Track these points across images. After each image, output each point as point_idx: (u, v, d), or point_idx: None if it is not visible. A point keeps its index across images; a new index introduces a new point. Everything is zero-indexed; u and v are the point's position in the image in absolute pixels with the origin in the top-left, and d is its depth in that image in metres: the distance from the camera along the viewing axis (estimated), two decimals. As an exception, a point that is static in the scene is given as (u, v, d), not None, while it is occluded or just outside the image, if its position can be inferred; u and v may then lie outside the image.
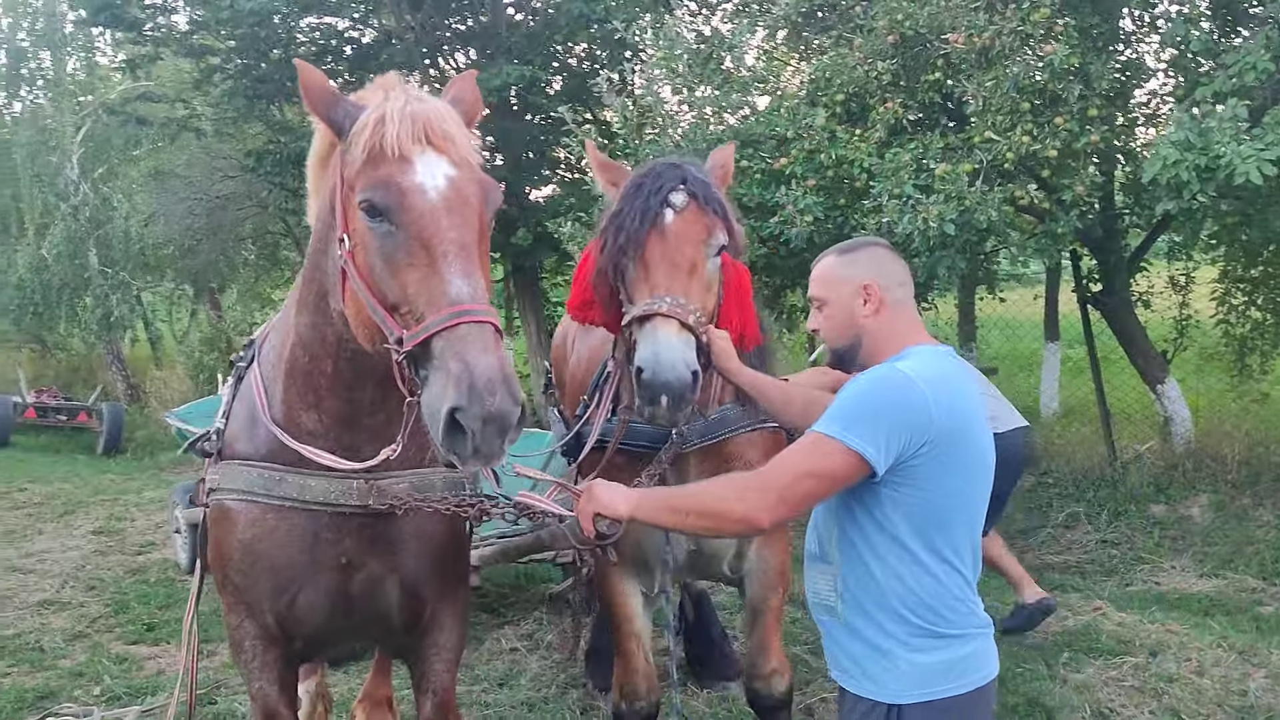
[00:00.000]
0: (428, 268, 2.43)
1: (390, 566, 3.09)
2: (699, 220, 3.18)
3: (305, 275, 2.92)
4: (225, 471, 3.07)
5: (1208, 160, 5.80)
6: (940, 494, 2.58)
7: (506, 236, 12.29)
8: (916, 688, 2.61)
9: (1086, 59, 6.60)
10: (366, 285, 2.53)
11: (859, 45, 7.27)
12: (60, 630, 6.80)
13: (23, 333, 20.81)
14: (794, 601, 6.57)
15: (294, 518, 2.97)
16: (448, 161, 2.56)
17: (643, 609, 3.80)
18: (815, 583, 2.84)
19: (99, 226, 19.07)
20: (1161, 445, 8.82)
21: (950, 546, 2.62)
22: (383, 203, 2.48)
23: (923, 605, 2.60)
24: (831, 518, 2.74)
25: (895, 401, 2.54)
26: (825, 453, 2.54)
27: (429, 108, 2.60)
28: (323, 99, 2.66)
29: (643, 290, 3.11)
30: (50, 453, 15.64)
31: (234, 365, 3.41)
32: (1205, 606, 6.52)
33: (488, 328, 2.36)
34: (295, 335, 2.95)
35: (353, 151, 2.56)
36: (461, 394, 2.26)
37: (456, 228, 2.47)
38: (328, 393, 2.91)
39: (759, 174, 7.30)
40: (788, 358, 15.81)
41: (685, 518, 2.67)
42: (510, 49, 12.24)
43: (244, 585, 3.05)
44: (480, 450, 2.30)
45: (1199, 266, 10.19)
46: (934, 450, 2.54)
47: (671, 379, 2.93)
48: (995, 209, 6.51)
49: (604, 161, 3.67)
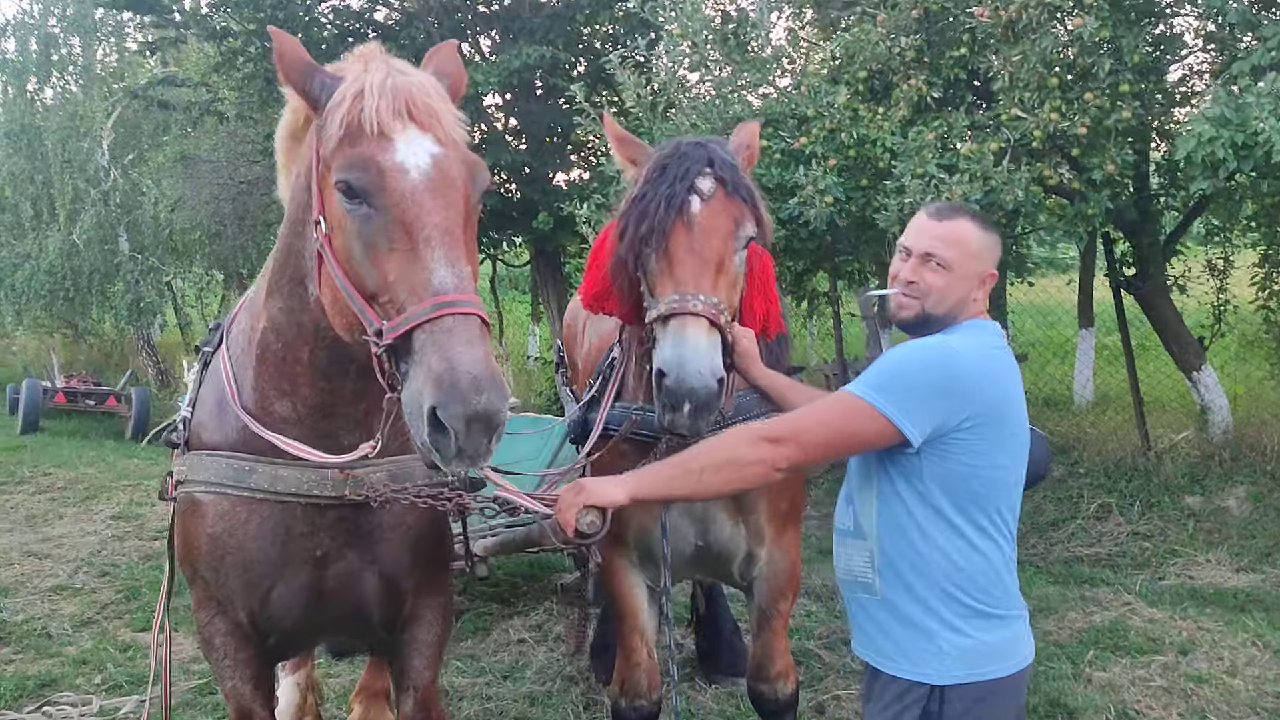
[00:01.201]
0: (409, 254, 2.27)
1: (368, 559, 2.94)
2: (727, 209, 2.98)
3: (277, 258, 2.76)
4: (193, 462, 2.93)
5: (1245, 137, 5.54)
6: (985, 469, 2.50)
7: (529, 220, 12.16)
8: (961, 668, 2.51)
9: (1118, 32, 6.34)
10: (344, 272, 2.38)
11: (882, 20, 7.05)
12: (69, 616, 6.75)
13: (55, 318, 20.91)
14: (809, 594, 6.43)
15: (265, 510, 2.83)
16: (432, 139, 2.40)
17: (648, 604, 3.65)
18: (850, 560, 2.72)
19: (129, 212, 19.14)
20: (1197, 435, 8.57)
21: (994, 523, 2.54)
22: (360, 183, 2.32)
23: (970, 582, 2.52)
24: (869, 491, 2.64)
25: (937, 372, 2.46)
26: (853, 411, 2.48)
27: (411, 81, 2.44)
28: (297, 69, 2.49)
29: (667, 285, 2.91)
30: (79, 438, 15.66)
31: (199, 350, 3.25)
32: (1241, 602, 6.28)
33: (473, 320, 2.21)
34: (268, 320, 2.79)
35: (329, 127, 2.40)
36: (444, 391, 2.12)
37: (441, 211, 2.31)
38: (303, 381, 2.76)
39: (778, 154, 7.10)
40: (814, 345, 15.66)
41: (700, 475, 2.54)
42: (533, 30, 12.08)
43: (213, 581, 2.91)
44: (464, 451, 2.16)
45: (1238, 250, 9.89)
46: (978, 424, 2.46)
47: (697, 386, 2.74)
48: (1023, 189, 6.29)
49: (622, 135, 3.42)
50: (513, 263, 17.34)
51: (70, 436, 15.67)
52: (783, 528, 3.52)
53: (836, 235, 7.44)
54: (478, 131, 12.65)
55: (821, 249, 7.97)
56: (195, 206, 17.52)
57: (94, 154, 18.88)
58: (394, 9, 13.50)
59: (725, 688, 5.16)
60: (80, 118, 18.97)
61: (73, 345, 22.57)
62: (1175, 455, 8.45)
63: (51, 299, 18.99)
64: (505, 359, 15.87)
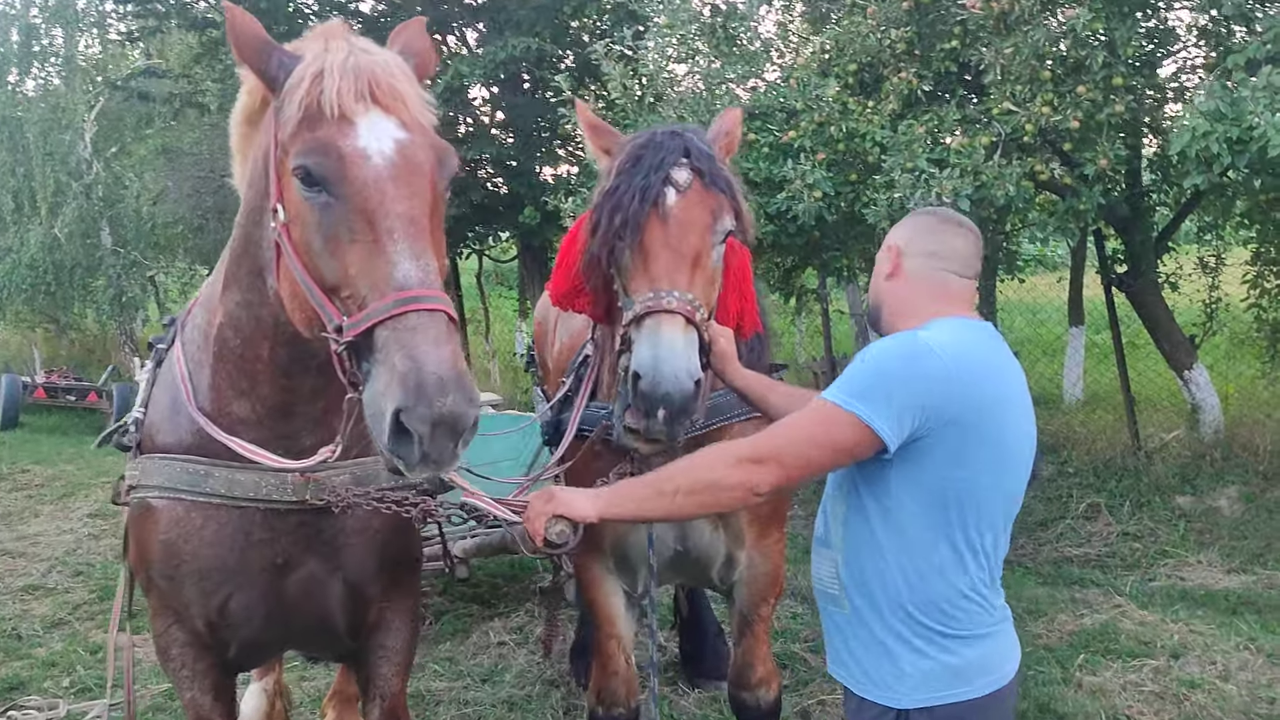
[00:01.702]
0: (371, 245, 2.13)
1: (332, 566, 2.81)
2: (704, 202, 2.83)
3: (234, 249, 2.61)
4: (146, 466, 2.78)
5: (1240, 132, 5.43)
6: (958, 480, 2.32)
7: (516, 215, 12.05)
8: (923, 691, 2.39)
9: (1111, 24, 6.22)
10: (302, 264, 2.24)
11: (872, 12, 6.93)
12: (40, 617, 6.63)
13: (36, 313, 20.70)
14: (794, 596, 6.32)
15: (222, 515, 2.69)
16: (396, 123, 2.26)
17: (626, 610, 3.53)
18: (820, 569, 2.61)
19: (111, 206, 18.93)
20: (1188, 434, 8.49)
21: (964, 539, 2.37)
22: (320, 170, 2.17)
23: (928, 602, 2.37)
24: (839, 498, 2.52)
25: (911, 371, 2.30)
26: (833, 422, 2.32)
27: (375, 60, 2.29)
28: (254, 47, 2.33)
29: (642, 282, 2.76)
30: (59, 434, 15.50)
31: (153, 347, 3.09)
32: (1233, 605, 6.18)
33: (440, 317, 2.08)
34: (224, 314, 2.65)
35: (287, 109, 2.25)
36: (408, 393, 1.98)
37: (405, 200, 2.17)
38: (263, 379, 2.62)
39: (767, 148, 6.98)
40: (803, 342, 15.56)
41: (674, 499, 2.39)
42: (519, 22, 11.96)
43: (169, 590, 2.78)
44: (429, 456, 2.03)
45: (1230, 248, 9.83)
46: (951, 429, 2.29)
47: (673, 390, 2.59)
48: (1014, 184, 6.18)
49: (596, 124, 3.25)
50: (499, 258, 17.20)
51: (50, 433, 15.51)
52: (765, 530, 3.41)
53: (825, 230, 7.33)
54: (464, 125, 12.53)
55: (810, 244, 7.86)
56: (178, 200, 17.35)
57: (76, 146, 18.66)
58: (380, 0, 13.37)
59: (708, 692, 5.05)
60: (62, 110, 18.74)
61: (55, 340, 22.37)
62: (1166, 455, 8.37)
63: (33, 293, 18.76)
64: (493, 355, 15.76)
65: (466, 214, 12.17)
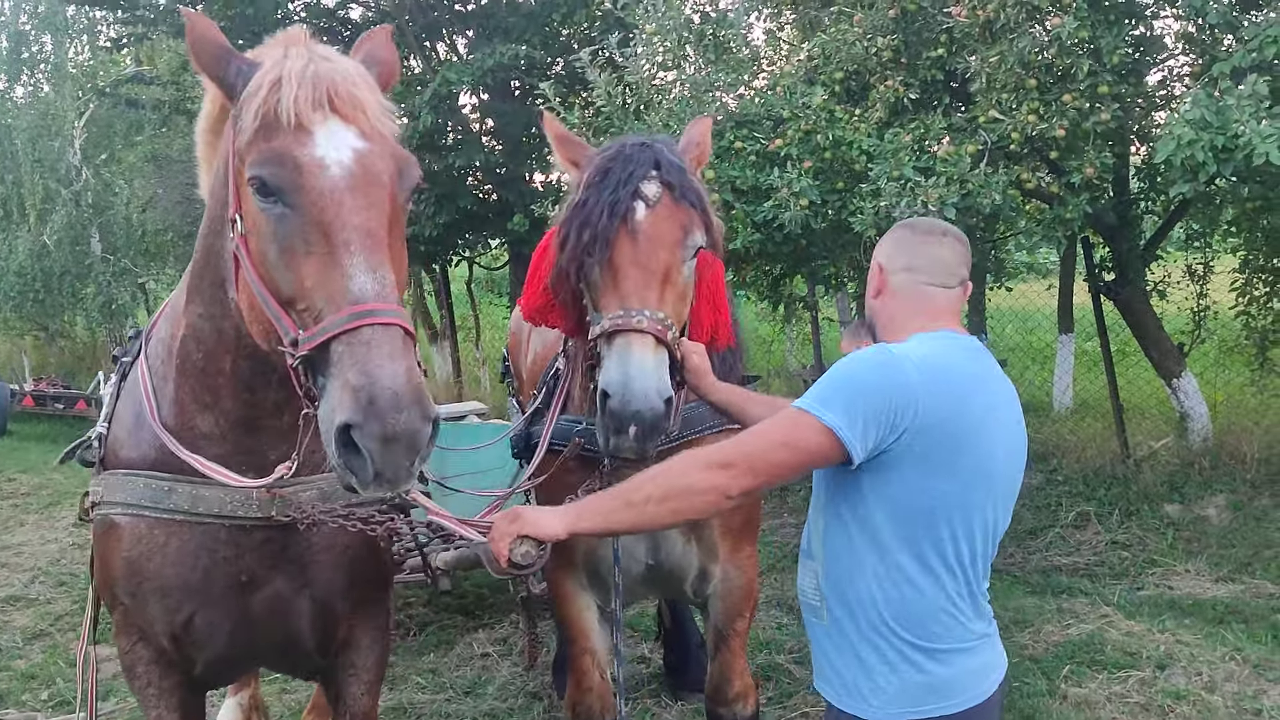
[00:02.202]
0: (327, 258, 2.11)
1: (299, 583, 2.77)
2: (674, 216, 2.80)
3: (197, 259, 2.59)
4: (109, 482, 2.75)
5: (1226, 140, 5.41)
6: (931, 492, 2.31)
7: (505, 222, 12.01)
8: (897, 706, 2.37)
9: (1097, 33, 6.21)
10: (259, 276, 2.21)
11: (859, 21, 6.91)
12: (21, 629, 6.59)
13: (25, 320, 20.61)
14: (780, 605, 6.29)
15: (185, 532, 2.66)
16: (355, 132, 2.23)
17: (599, 624, 3.49)
18: (802, 579, 2.60)
19: (101, 213, 18.87)
20: (1177, 442, 8.47)
21: (937, 553, 2.35)
22: (275, 180, 2.15)
23: (905, 615, 2.36)
24: (819, 511, 2.51)
25: (877, 381, 2.29)
26: (800, 427, 2.32)
27: (335, 68, 2.26)
28: (211, 54, 2.31)
29: (611, 300, 2.74)
30: (47, 442, 15.40)
31: (117, 360, 3.05)
32: (1220, 614, 6.16)
33: (395, 331, 2.05)
34: (187, 327, 2.62)
35: (244, 118, 2.22)
36: (360, 409, 1.95)
37: (362, 211, 2.14)
38: (226, 393, 2.58)
39: (753, 156, 6.95)
40: (792, 350, 15.53)
41: (644, 508, 2.36)
42: (508, 30, 11.93)
43: (132, 607, 2.74)
44: (382, 474, 1.99)
45: (1218, 255, 9.81)
46: (918, 440, 2.28)
47: (643, 408, 2.57)
48: (1000, 192, 6.15)
49: (562, 135, 3.22)
50: (489, 265, 17.15)
51: (39, 441, 15.43)
52: (738, 544, 3.38)
53: (812, 238, 7.29)
54: (453, 132, 12.48)
55: (797, 252, 7.82)
56: (167, 207, 17.29)
57: (65, 153, 18.61)
58: (369, 7, 13.34)
59: (691, 704, 5.01)
60: (51, 116, 18.69)
61: (44, 348, 22.27)
62: (1155, 463, 8.35)
63: (21, 300, 18.68)
64: (483, 363, 15.69)
65: (456, 221, 12.12)
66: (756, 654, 5.45)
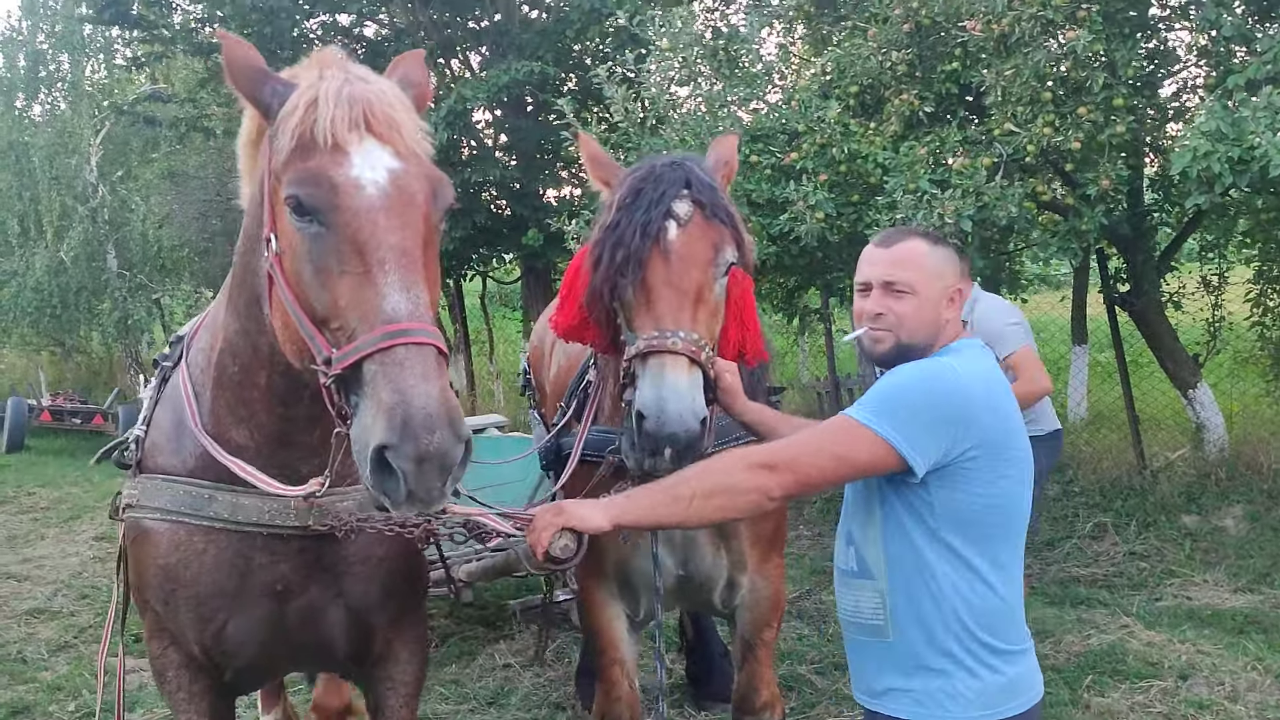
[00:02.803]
0: (362, 277, 2.12)
1: (334, 593, 2.79)
2: (706, 235, 2.82)
3: (235, 275, 2.61)
4: (146, 486, 2.77)
5: (1241, 152, 5.44)
6: (994, 498, 2.40)
7: (519, 237, 12.09)
8: (978, 710, 2.42)
9: (1112, 46, 6.26)
10: (294, 295, 2.23)
11: (873, 35, 6.97)
12: (46, 641, 6.64)
13: (42, 336, 20.76)
14: (801, 617, 6.31)
15: (223, 540, 2.68)
16: (391, 153, 2.24)
17: (628, 634, 3.52)
18: (857, 602, 2.58)
19: (117, 229, 19.02)
20: (1193, 453, 8.46)
21: (1004, 555, 2.45)
22: (311, 200, 2.16)
23: (986, 619, 2.42)
24: (872, 529, 2.52)
25: (941, 397, 2.36)
26: (854, 437, 2.36)
27: (371, 89, 2.28)
28: (248, 75, 2.34)
29: (645, 320, 2.76)
30: (65, 456, 15.53)
31: (158, 365, 3.07)
32: (1240, 624, 6.15)
33: (429, 351, 2.05)
34: (224, 340, 2.64)
35: (280, 138, 2.24)
36: (393, 429, 1.96)
37: (397, 230, 2.15)
38: (261, 407, 2.60)
39: (769, 169, 7.01)
40: (806, 362, 15.55)
41: (690, 503, 2.38)
42: (522, 46, 12.03)
43: (165, 613, 2.77)
44: (415, 494, 2.00)
45: (1232, 266, 9.82)
46: (985, 451, 2.36)
47: (679, 430, 2.59)
48: (1016, 204, 6.19)
49: (596, 157, 3.27)
50: (503, 279, 17.22)
51: (56, 455, 15.54)
52: (766, 554, 3.41)
53: (828, 251, 7.35)
54: (467, 147, 12.58)
55: (813, 265, 7.89)
56: (184, 223, 17.41)
57: (82, 170, 18.78)
58: (383, 25, 13.44)
59: (715, 714, 5.03)
60: (68, 134, 18.88)
61: (61, 363, 22.43)
62: (1171, 474, 8.34)
63: (39, 316, 18.83)
64: (497, 376, 15.75)
65: (470, 236, 12.22)
66: (778, 665, 5.46)
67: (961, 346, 2.53)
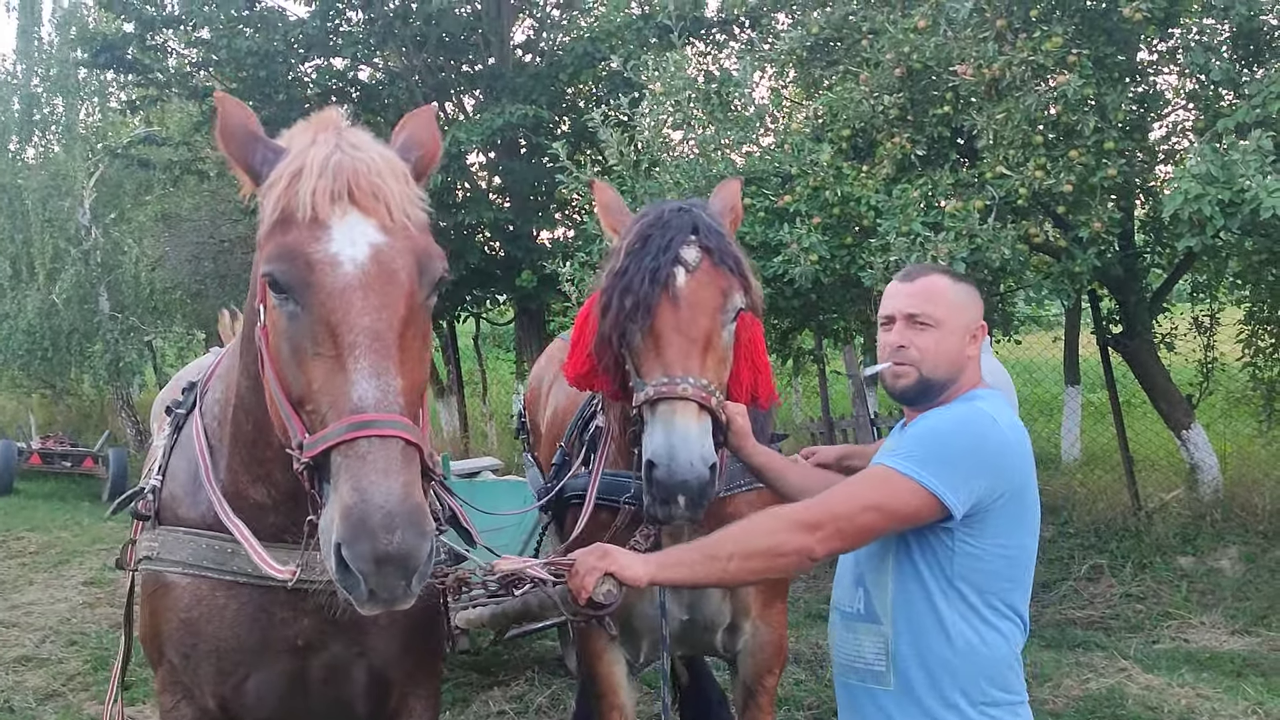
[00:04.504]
0: (333, 361, 2.04)
1: (357, 649, 2.73)
2: (714, 281, 2.81)
3: (244, 332, 2.55)
4: (166, 539, 2.71)
5: (1231, 194, 5.50)
6: (1011, 548, 2.39)
7: (513, 278, 12.13)
8: None
9: (1102, 90, 6.33)
10: (275, 373, 2.17)
11: (865, 79, 7.04)
12: (34, 689, 6.53)
13: (33, 378, 20.68)
14: (797, 661, 6.26)
15: (245, 595, 2.62)
16: (375, 226, 2.14)
17: (628, 680, 3.48)
18: (859, 646, 2.54)
19: (110, 271, 19.00)
20: (1188, 494, 8.47)
21: (1013, 603, 2.43)
22: (286, 277, 2.09)
23: (992, 671, 2.40)
24: (883, 573, 2.48)
25: (979, 444, 2.35)
26: (895, 488, 2.33)
27: (360, 157, 2.19)
28: (239, 140, 2.28)
29: (654, 367, 2.75)
30: (55, 500, 15.40)
31: (171, 412, 3.00)
32: (1238, 667, 6.13)
33: (393, 444, 1.97)
34: (237, 397, 2.59)
35: (264, 208, 2.18)
36: (350, 528, 1.89)
37: (372, 311, 2.06)
38: (275, 466, 2.52)
39: (762, 212, 7.04)
40: (800, 404, 15.56)
41: (727, 564, 2.34)
42: (516, 90, 12.12)
43: (182, 666, 2.71)
44: (376, 594, 1.94)
45: (1224, 308, 9.87)
46: (1009, 500, 2.35)
47: (689, 478, 2.58)
48: (1009, 247, 6.23)
49: (608, 203, 3.26)
50: (496, 320, 17.24)
51: (46, 499, 15.40)
52: (770, 599, 3.38)
53: (821, 293, 7.37)
54: (461, 189, 12.63)
55: (806, 307, 7.90)
56: (176, 265, 17.38)
57: (75, 213, 18.78)
58: (378, 69, 13.53)
59: (712, 762, 4.97)
60: (62, 177, 18.89)
61: (51, 405, 22.31)
62: (1166, 515, 8.34)
63: (29, 358, 18.76)
64: (489, 418, 15.72)
65: (464, 277, 12.26)
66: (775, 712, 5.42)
67: (986, 395, 2.51)
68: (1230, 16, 6.21)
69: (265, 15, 12.60)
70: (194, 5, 12.23)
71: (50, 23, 19.67)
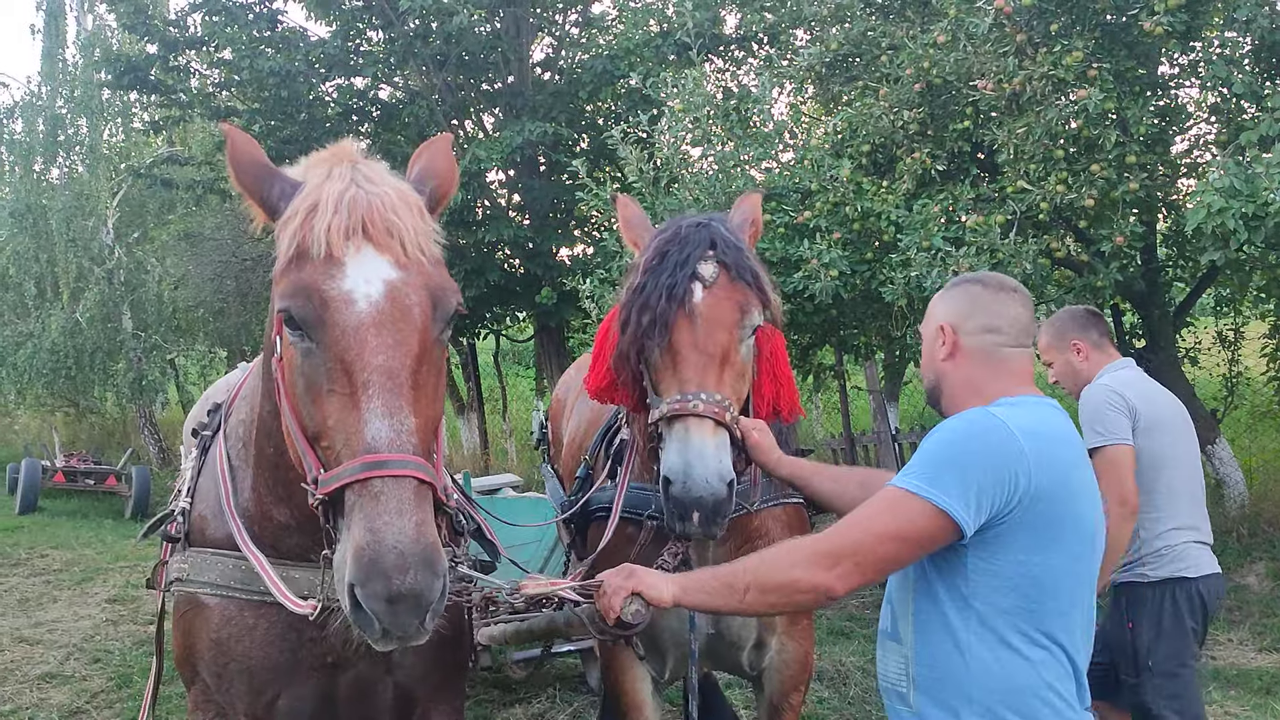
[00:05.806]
0: (347, 399, 2.06)
1: (384, 667, 2.76)
2: (732, 297, 2.81)
3: (264, 358, 2.57)
4: (196, 561, 2.75)
5: (1255, 208, 5.46)
6: (1037, 568, 2.21)
7: (532, 295, 12.17)
8: None
9: (1123, 104, 6.31)
10: (290, 407, 2.19)
11: (885, 94, 7.04)
12: (58, 706, 6.56)
13: (56, 397, 20.81)
14: (819, 678, 6.21)
15: (274, 614, 2.64)
16: (390, 263, 2.16)
17: (653, 697, 3.46)
18: (885, 664, 2.47)
19: (133, 290, 19.14)
20: (1213, 509, 8.35)
21: (1045, 628, 2.24)
22: (300, 314, 2.10)
23: (1015, 699, 2.22)
24: (906, 590, 2.39)
25: (986, 451, 2.20)
26: (908, 513, 2.20)
27: (375, 192, 2.20)
28: (253, 174, 2.29)
29: (671, 383, 2.75)
30: (78, 517, 15.48)
31: (198, 434, 3.03)
32: (1266, 684, 6.05)
33: (406, 484, 1.98)
34: (259, 421, 2.61)
35: (280, 243, 2.19)
36: (363, 568, 1.90)
37: (386, 350, 2.07)
38: (297, 488, 2.47)
39: (782, 228, 7.05)
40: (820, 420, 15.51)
41: (745, 596, 2.29)
42: (535, 107, 12.17)
43: (215, 685, 2.74)
44: (390, 632, 1.96)
45: (1248, 321, 9.79)
46: (1027, 511, 2.18)
47: (705, 494, 2.58)
48: (1030, 261, 6.21)
49: (630, 219, 3.27)
50: (516, 337, 17.28)
51: (70, 516, 15.48)
52: (796, 616, 3.36)
53: (842, 309, 7.37)
54: (481, 207, 12.69)
55: (827, 323, 7.90)
56: (199, 284, 17.52)
57: (98, 232, 18.93)
58: (398, 88, 13.62)
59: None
60: (86, 197, 19.05)
61: (74, 423, 22.44)
62: (1192, 530, 8.24)
63: (53, 377, 18.86)
64: (509, 435, 15.75)
65: (484, 294, 12.31)
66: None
67: (1021, 401, 2.36)
68: (1252, 29, 6.18)
69: (286, 36, 12.71)
70: (216, 26, 12.35)
71: (75, 45, 19.84)
